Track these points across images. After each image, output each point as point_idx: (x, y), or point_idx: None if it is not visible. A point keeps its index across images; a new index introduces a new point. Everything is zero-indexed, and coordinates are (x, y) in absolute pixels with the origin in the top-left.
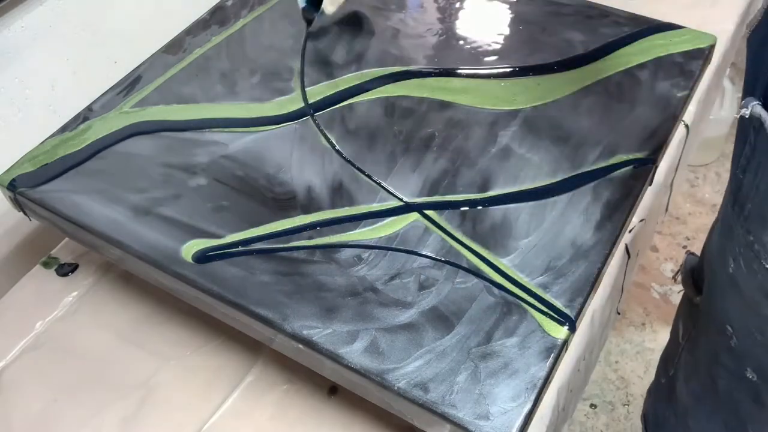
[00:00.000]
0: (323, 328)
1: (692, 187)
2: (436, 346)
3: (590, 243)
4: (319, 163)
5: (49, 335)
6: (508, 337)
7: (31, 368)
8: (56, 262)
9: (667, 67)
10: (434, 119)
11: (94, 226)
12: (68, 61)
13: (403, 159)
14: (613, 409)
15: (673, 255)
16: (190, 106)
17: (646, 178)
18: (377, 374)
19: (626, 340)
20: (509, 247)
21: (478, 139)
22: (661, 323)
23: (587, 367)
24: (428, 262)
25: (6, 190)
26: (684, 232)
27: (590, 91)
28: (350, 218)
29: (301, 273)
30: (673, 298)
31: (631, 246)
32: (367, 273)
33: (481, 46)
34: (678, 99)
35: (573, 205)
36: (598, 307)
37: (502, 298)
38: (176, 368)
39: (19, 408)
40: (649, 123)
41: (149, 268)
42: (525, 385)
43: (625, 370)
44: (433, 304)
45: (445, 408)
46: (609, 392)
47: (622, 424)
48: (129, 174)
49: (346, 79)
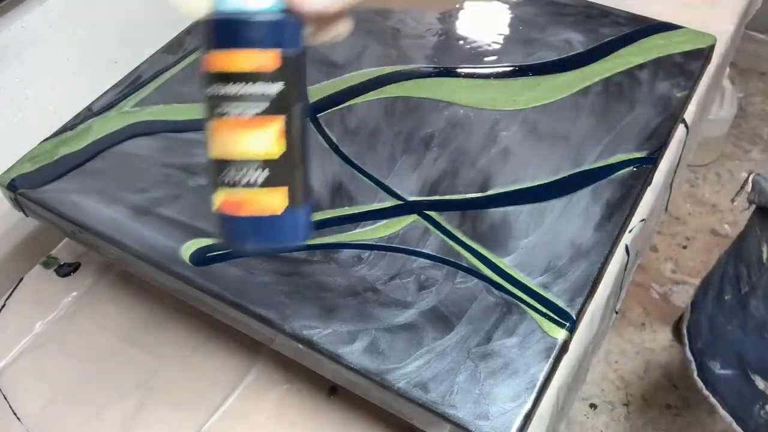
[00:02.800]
0: (323, 328)
1: (692, 187)
2: (436, 346)
3: (590, 243)
4: (319, 163)
5: (49, 335)
6: (507, 337)
7: (31, 368)
8: (56, 262)
9: (667, 67)
10: (434, 119)
11: (94, 226)
12: (68, 61)
13: (403, 159)
14: (613, 409)
15: (673, 255)
16: (190, 106)
17: (646, 178)
18: (377, 374)
19: (626, 340)
20: (509, 247)
21: (478, 139)
22: (661, 323)
23: (585, 365)
24: (428, 262)
25: (6, 191)
26: (684, 232)
27: (590, 91)
28: (350, 218)
29: (301, 273)
30: (673, 298)
31: (631, 246)
32: (367, 273)
33: (481, 46)
34: (678, 99)
35: (573, 205)
36: (598, 307)
37: (502, 298)
38: (176, 368)
39: (19, 408)
40: (649, 123)
41: (149, 268)
42: (525, 385)
43: (625, 370)
44: (433, 304)
45: (445, 408)
46: (609, 392)
47: (622, 424)
48: (129, 174)
49: (346, 79)
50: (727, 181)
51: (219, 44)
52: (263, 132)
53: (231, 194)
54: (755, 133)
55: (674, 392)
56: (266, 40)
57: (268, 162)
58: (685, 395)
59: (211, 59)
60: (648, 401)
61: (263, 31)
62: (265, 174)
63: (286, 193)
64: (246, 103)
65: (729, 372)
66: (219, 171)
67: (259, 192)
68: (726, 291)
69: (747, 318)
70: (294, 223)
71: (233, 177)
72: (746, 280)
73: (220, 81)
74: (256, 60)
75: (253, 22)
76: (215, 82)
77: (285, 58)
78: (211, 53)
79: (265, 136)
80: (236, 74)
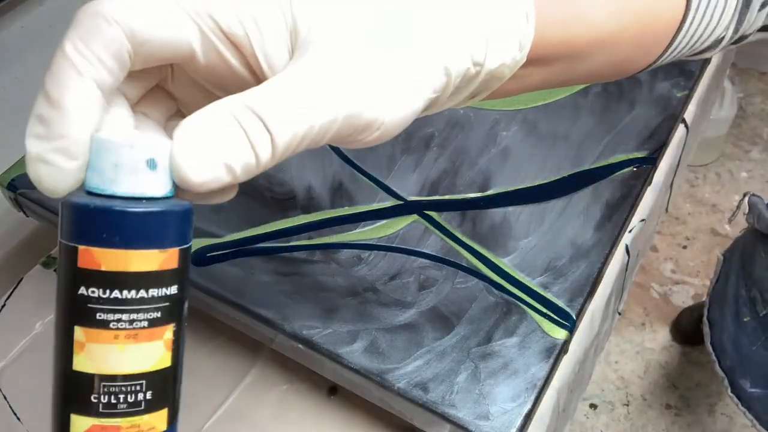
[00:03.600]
0: (323, 328)
1: (692, 187)
2: (436, 346)
3: (590, 243)
4: (319, 162)
5: (49, 335)
6: (508, 337)
7: (31, 368)
8: (56, 263)
9: (667, 67)
10: (434, 119)
11: None
12: None
13: (403, 159)
14: (613, 409)
15: (673, 255)
16: None
17: (646, 178)
18: (377, 374)
19: (626, 340)
20: (509, 247)
21: (477, 139)
22: (661, 323)
23: (587, 367)
24: (428, 262)
25: (6, 191)
26: (684, 232)
27: (590, 91)
28: (350, 218)
29: (301, 273)
30: (673, 298)
31: (631, 246)
32: (367, 273)
33: None
34: (678, 99)
35: (573, 205)
36: (599, 308)
37: (502, 298)
38: None
39: (19, 408)
40: (649, 123)
41: None
42: (525, 385)
43: (625, 370)
44: (433, 304)
45: (445, 408)
46: (609, 392)
47: (622, 424)
48: None
49: None
50: (727, 181)
51: (103, 240)
52: (154, 344)
53: (105, 421)
54: (755, 133)
55: (674, 392)
56: (166, 238)
57: (154, 379)
58: (685, 395)
59: (92, 255)
60: (648, 401)
61: (164, 226)
62: (150, 394)
63: (167, 413)
64: (138, 311)
65: (759, 391)
66: (86, 390)
67: (142, 417)
68: (743, 313)
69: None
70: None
71: (111, 399)
72: (762, 304)
73: (103, 284)
74: (156, 261)
75: (151, 216)
76: (96, 284)
77: (182, 255)
78: (88, 248)
79: (155, 349)
80: (129, 277)
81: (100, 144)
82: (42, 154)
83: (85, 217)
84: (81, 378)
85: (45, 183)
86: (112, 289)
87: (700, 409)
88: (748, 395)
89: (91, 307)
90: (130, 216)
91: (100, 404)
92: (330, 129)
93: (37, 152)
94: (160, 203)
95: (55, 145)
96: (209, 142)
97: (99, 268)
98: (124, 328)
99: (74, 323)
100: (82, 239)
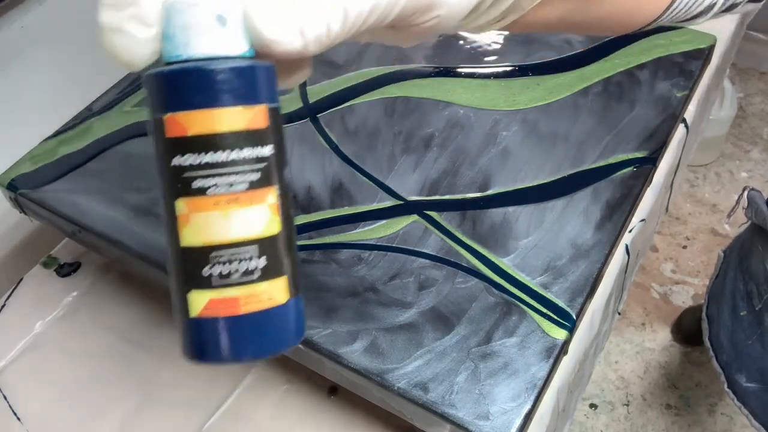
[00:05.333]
0: (323, 328)
1: (692, 187)
2: (436, 346)
3: (590, 243)
4: (319, 163)
5: (49, 335)
6: (508, 337)
7: (31, 368)
8: (56, 262)
9: (667, 67)
10: (434, 119)
11: (94, 226)
12: (68, 61)
13: (403, 159)
14: (613, 409)
15: (673, 255)
16: None
17: (646, 178)
18: (377, 374)
19: (626, 340)
20: (509, 247)
21: (478, 139)
22: (661, 323)
23: (587, 367)
24: (428, 262)
25: (6, 191)
26: (684, 232)
27: (590, 91)
28: (350, 218)
29: (301, 273)
30: (673, 298)
31: (631, 246)
32: (367, 273)
33: (481, 45)
34: (678, 99)
35: (573, 205)
36: (599, 308)
37: (502, 298)
38: (176, 368)
39: (19, 408)
40: (649, 123)
41: (149, 268)
42: (525, 385)
43: (625, 370)
44: (433, 304)
45: (445, 408)
46: (609, 392)
47: (622, 424)
48: (129, 174)
49: (346, 78)
50: (727, 181)
51: (186, 102)
52: (259, 208)
53: (221, 292)
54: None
55: (674, 392)
56: (250, 93)
57: (266, 245)
58: (685, 395)
59: (178, 122)
60: (648, 401)
61: (246, 81)
62: (264, 261)
63: (286, 283)
64: (235, 174)
65: (754, 385)
66: (198, 264)
67: (259, 284)
68: (740, 307)
69: (764, 334)
70: (297, 316)
71: (223, 269)
72: (758, 297)
73: (193, 148)
74: (244, 118)
75: (231, 72)
76: (186, 150)
77: (272, 114)
78: (173, 115)
79: (260, 212)
80: (218, 138)
81: (168, 9)
82: (115, 23)
83: (162, 84)
84: (190, 252)
85: (121, 54)
86: (202, 152)
87: (700, 409)
88: (744, 390)
89: (186, 177)
90: (205, 74)
91: (213, 277)
92: (398, 2)
93: (110, 21)
94: (236, 61)
95: (128, 12)
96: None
97: (186, 134)
98: (223, 192)
99: (174, 197)
100: (164, 108)
